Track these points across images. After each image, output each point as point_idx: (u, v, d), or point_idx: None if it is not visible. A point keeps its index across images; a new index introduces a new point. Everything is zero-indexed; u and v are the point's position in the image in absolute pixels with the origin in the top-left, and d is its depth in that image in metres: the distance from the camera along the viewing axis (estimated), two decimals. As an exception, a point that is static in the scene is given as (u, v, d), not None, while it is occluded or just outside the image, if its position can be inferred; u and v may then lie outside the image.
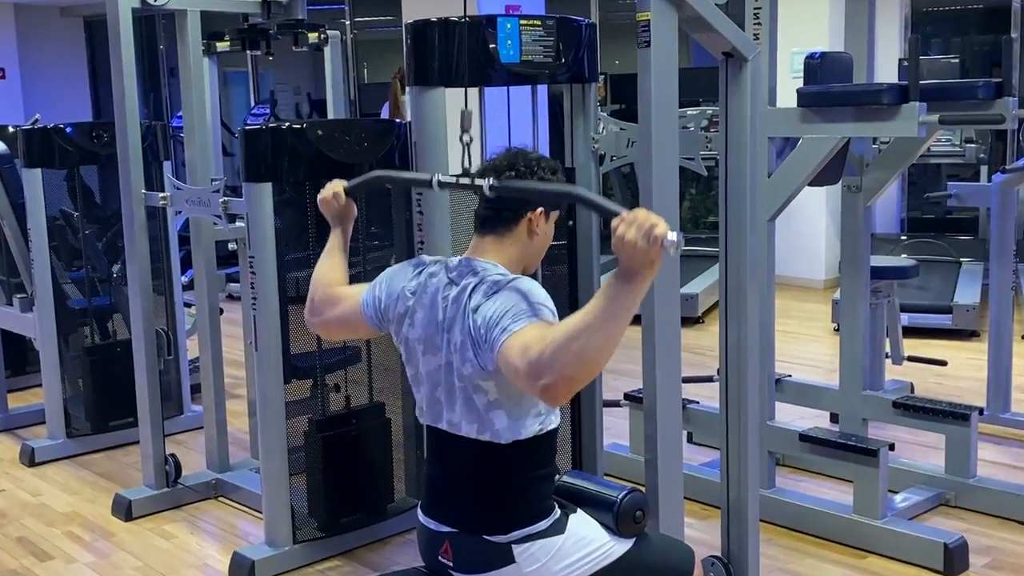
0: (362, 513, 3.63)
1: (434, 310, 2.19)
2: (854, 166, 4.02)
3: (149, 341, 4.06)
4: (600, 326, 1.86)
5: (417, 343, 2.22)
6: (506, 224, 2.21)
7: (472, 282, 2.13)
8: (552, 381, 1.88)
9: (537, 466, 2.20)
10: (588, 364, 1.88)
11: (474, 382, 2.11)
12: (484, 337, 2.04)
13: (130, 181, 3.97)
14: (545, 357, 1.88)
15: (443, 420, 2.21)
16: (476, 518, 2.20)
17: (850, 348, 4.13)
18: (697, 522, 3.62)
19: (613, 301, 1.86)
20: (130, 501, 3.99)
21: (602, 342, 1.86)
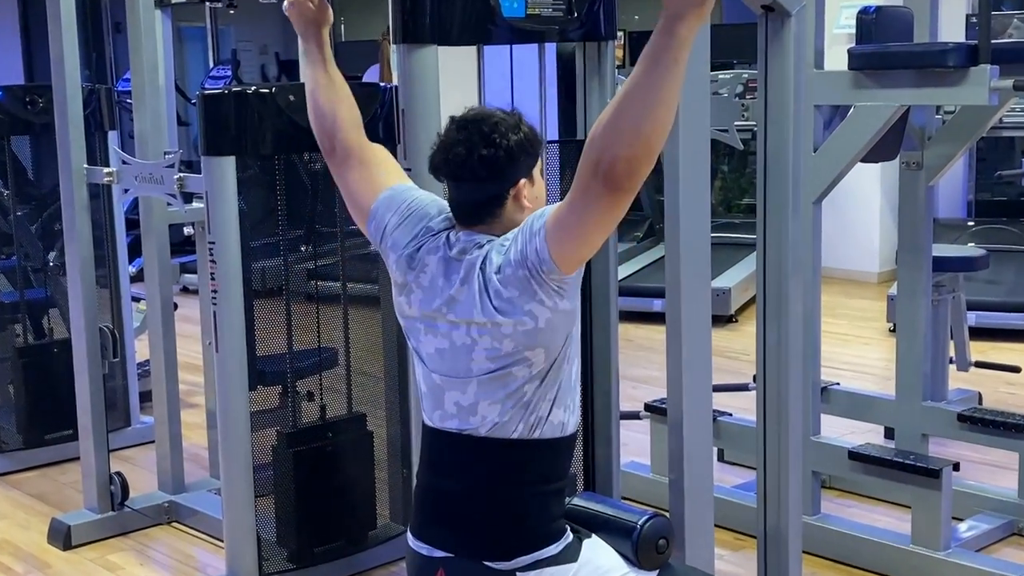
0: (340, 541, 3.63)
1: (434, 294, 2.20)
2: (914, 139, 4.01)
3: (91, 341, 4.07)
4: (647, 90, 1.89)
5: (417, 322, 2.24)
6: (489, 211, 2.21)
7: (479, 255, 2.15)
8: (609, 164, 1.92)
9: (550, 477, 2.21)
10: (641, 138, 1.91)
11: (519, 354, 2.12)
12: (528, 269, 2.06)
13: (69, 154, 3.97)
14: (598, 138, 1.94)
15: (448, 415, 2.21)
16: (476, 540, 2.20)
17: (908, 352, 4.13)
18: (729, 553, 3.63)
19: (658, 57, 1.88)
20: (69, 527, 3.99)
21: (653, 108, 1.90)
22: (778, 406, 2.90)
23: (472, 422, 2.18)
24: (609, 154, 1.93)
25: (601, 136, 1.94)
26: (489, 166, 2.15)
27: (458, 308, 2.16)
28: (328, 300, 3.67)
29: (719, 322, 6.56)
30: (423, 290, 2.22)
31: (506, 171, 2.17)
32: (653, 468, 4.19)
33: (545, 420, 2.17)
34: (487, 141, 2.15)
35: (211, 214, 3.39)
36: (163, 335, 4.14)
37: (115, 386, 4.81)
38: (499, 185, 2.18)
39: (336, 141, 2.47)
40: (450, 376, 2.20)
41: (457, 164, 2.17)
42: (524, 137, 2.20)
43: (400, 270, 2.26)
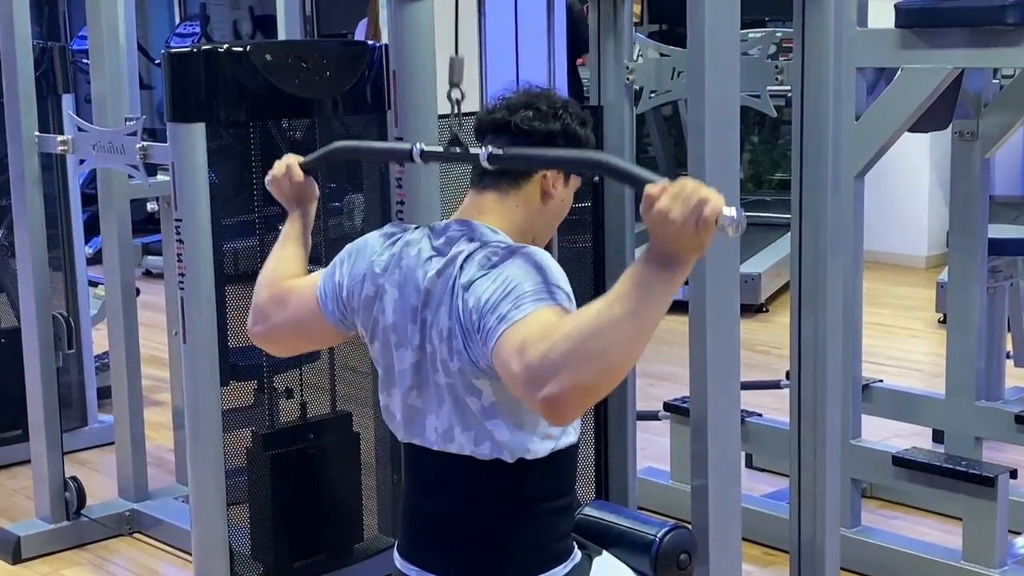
0: (322, 555, 3.64)
1: (409, 288, 2.15)
2: (968, 107, 4.01)
3: (44, 330, 4.07)
4: (626, 321, 1.82)
5: (391, 332, 2.19)
6: (513, 179, 2.19)
7: (465, 250, 2.10)
8: (558, 392, 1.84)
9: (551, 495, 2.20)
10: (607, 371, 1.85)
11: (466, 380, 2.08)
12: (477, 326, 2.01)
13: (19, 121, 3.96)
14: (549, 359, 1.84)
15: (426, 432, 2.20)
16: (470, 564, 2.20)
17: (960, 346, 4.13)
18: (758, 570, 3.64)
19: (643, 290, 1.83)
20: (19, 538, 4.00)
21: (627, 344, 1.84)
22: (814, 406, 2.90)
23: (457, 439, 2.14)
24: (566, 384, 1.83)
25: (556, 359, 1.84)
26: (539, 128, 2.19)
27: (434, 304, 2.11)
28: (309, 285, 3.67)
29: (748, 312, 6.56)
30: (398, 287, 2.17)
31: (553, 144, 2.19)
32: (673, 474, 4.20)
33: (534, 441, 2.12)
34: (551, 106, 2.21)
35: (178, 188, 3.39)
36: (124, 324, 4.15)
37: (70, 381, 4.82)
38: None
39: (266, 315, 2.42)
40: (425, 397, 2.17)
41: (511, 112, 2.20)
42: (585, 136, 2.25)
43: (371, 280, 2.22)
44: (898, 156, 5.31)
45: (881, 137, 3.58)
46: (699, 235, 1.80)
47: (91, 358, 4.96)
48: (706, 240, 1.81)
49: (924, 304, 6.89)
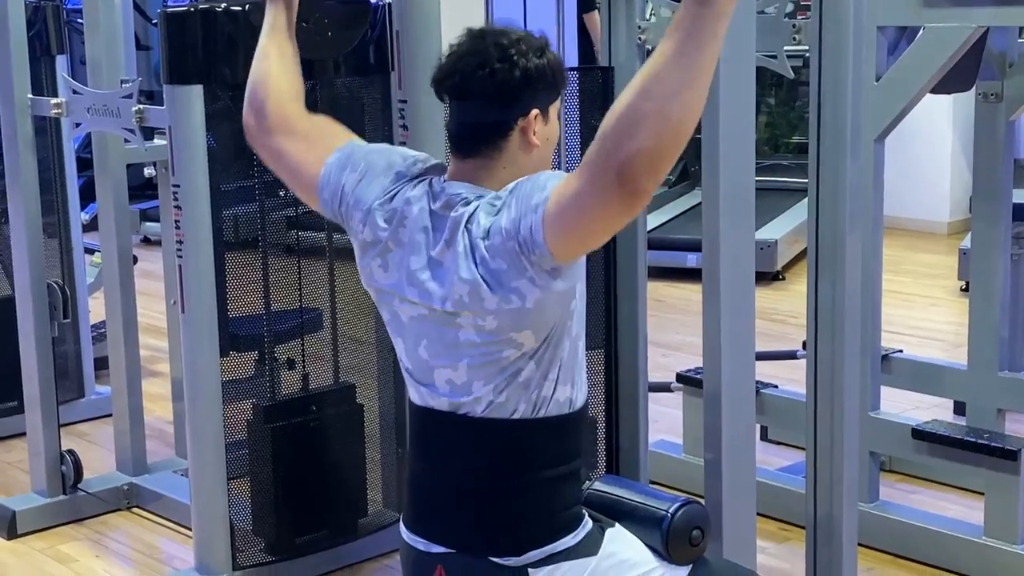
0: (325, 530, 3.66)
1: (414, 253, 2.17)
2: (993, 67, 3.98)
3: (38, 299, 4.07)
4: (677, 69, 1.83)
5: (393, 288, 2.21)
6: (490, 142, 2.17)
7: (465, 212, 2.11)
8: (627, 157, 1.86)
9: (559, 459, 2.21)
10: (668, 127, 1.85)
11: (505, 336, 2.11)
12: (518, 243, 2.03)
13: (11, 83, 3.96)
14: (609, 134, 1.88)
15: (436, 384, 2.21)
16: (480, 533, 2.21)
17: (983, 314, 4.12)
18: (773, 546, 3.64)
19: (690, 31, 1.82)
20: (14, 512, 4.01)
21: (684, 91, 1.84)
22: (831, 377, 2.90)
23: (466, 401, 2.17)
24: (629, 145, 1.86)
25: (619, 122, 1.87)
26: (500, 84, 2.13)
27: (439, 274, 2.13)
28: (311, 253, 3.67)
29: (764, 280, 6.55)
30: (403, 248, 2.17)
31: (519, 96, 2.14)
32: (686, 448, 4.20)
33: (549, 399, 2.16)
34: (504, 56, 2.13)
35: (175, 152, 3.38)
36: (121, 292, 4.15)
37: (66, 351, 4.82)
38: (507, 110, 2.15)
39: (267, 110, 2.41)
40: (438, 347, 2.19)
41: (464, 76, 2.14)
42: (548, 64, 2.18)
43: (371, 227, 2.22)
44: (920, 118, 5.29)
45: (902, 99, 3.56)
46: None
47: (88, 328, 4.97)
48: None
49: (946, 272, 6.88)
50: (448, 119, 2.23)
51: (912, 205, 7.77)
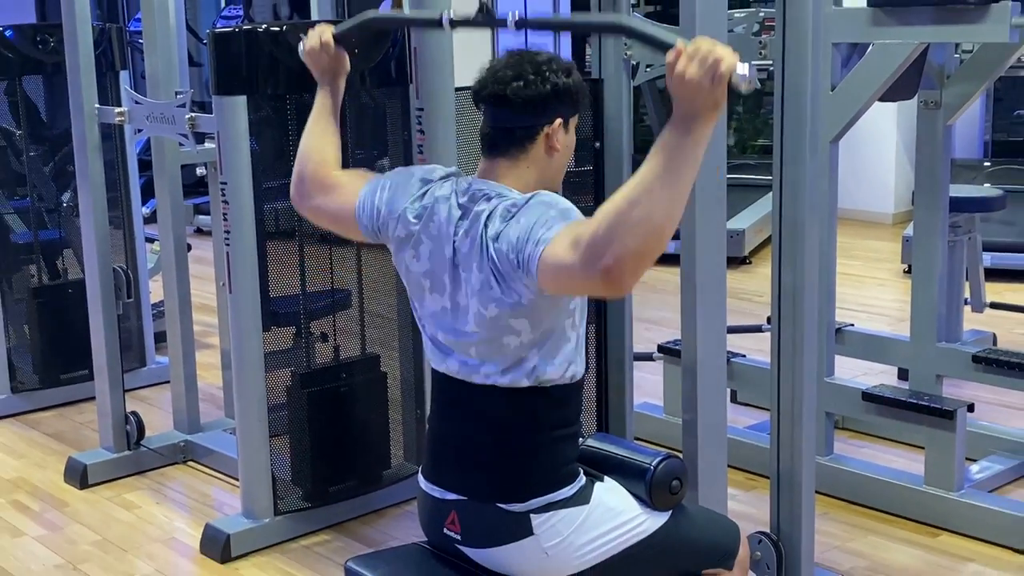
0: (354, 481, 3.66)
1: (442, 243, 2.18)
2: (932, 78, 3.96)
3: (106, 281, 4.07)
4: (662, 185, 1.83)
5: (423, 278, 2.22)
6: (519, 144, 2.19)
7: (486, 209, 2.12)
8: (613, 261, 1.85)
9: (561, 423, 2.21)
10: (653, 233, 1.85)
11: (503, 323, 2.11)
12: (516, 262, 2.03)
13: (81, 94, 3.95)
14: (600, 235, 1.87)
15: (449, 365, 2.21)
16: (489, 483, 2.21)
17: (923, 293, 4.10)
18: (742, 493, 3.64)
19: (673, 154, 1.83)
20: (85, 466, 4.02)
21: (667, 204, 1.84)
22: (792, 347, 2.89)
23: (477, 376, 2.19)
24: (616, 249, 1.84)
25: (609, 228, 1.85)
26: (531, 95, 2.15)
27: (462, 259, 2.14)
28: (341, 242, 3.65)
29: (733, 264, 6.54)
30: (432, 239, 2.19)
31: (546, 106, 2.16)
32: (666, 409, 4.20)
33: (549, 373, 2.16)
34: (537, 71, 2.16)
35: (223, 154, 3.38)
36: (177, 276, 4.14)
37: (130, 327, 4.82)
38: (535, 118, 2.17)
39: (315, 182, 2.40)
40: (451, 336, 2.19)
41: (502, 85, 2.16)
42: (572, 83, 2.20)
43: (403, 224, 2.23)
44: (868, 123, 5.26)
45: (854, 106, 3.55)
46: (714, 90, 1.79)
47: (148, 306, 4.96)
48: (721, 96, 1.81)
49: (891, 256, 6.86)
50: (483, 124, 2.23)
51: (862, 198, 7.75)
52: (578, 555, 2.21)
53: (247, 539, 3.46)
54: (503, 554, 2.21)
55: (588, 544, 2.21)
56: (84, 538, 3.62)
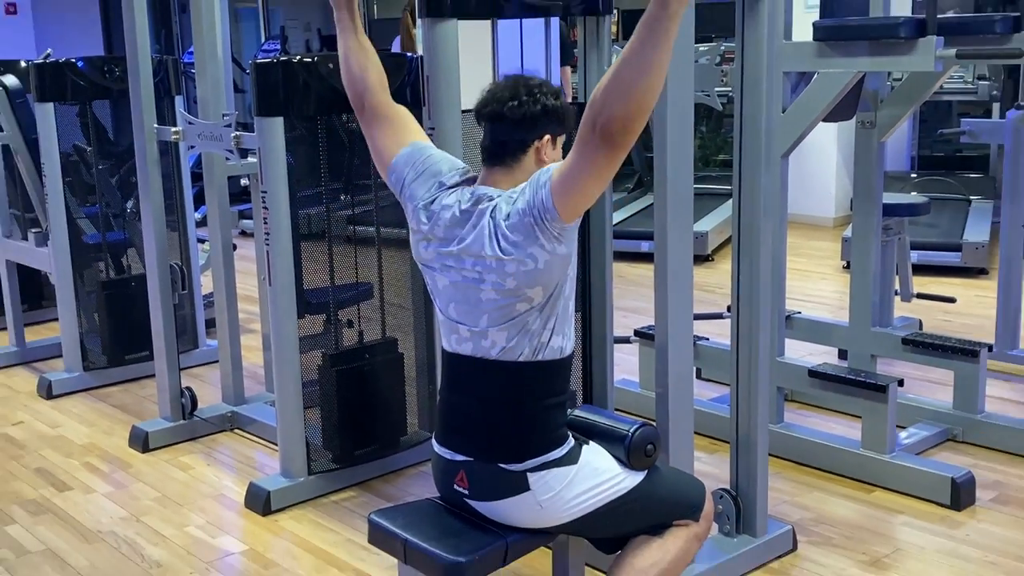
0: (376, 445, 3.65)
1: (448, 239, 2.19)
2: (868, 102, 3.96)
3: (163, 276, 4.06)
4: (645, 49, 1.89)
5: (433, 262, 2.24)
6: (513, 155, 2.21)
7: (490, 205, 2.15)
8: (607, 118, 1.92)
9: (552, 393, 2.21)
10: (638, 96, 1.91)
11: (521, 292, 2.12)
12: (534, 216, 2.06)
13: (142, 116, 3.94)
14: (598, 99, 1.93)
15: (463, 340, 2.21)
16: (492, 446, 2.21)
17: (860, 285, 4.11)
18: (706, 456, 3.63)
19: (654, 26, 1.88)
20: (147, 433, 4.01)
21: (651, 65, 1.89)
22: (749, 332, 2.89)
23: (484, 346, 2.18)
24: (607, 112, 1.92)
25: (600, 97, 1.93)
26: (524, 113, 2.17)
27: (469, 249, 2.15)
28: (364, 242, 3.65)
29: (698, 261, 6.51)
30: (439, 239, 2.21)
31: (536, 123, 2.19)
32: (641, 384, 4.19)
33: (546, 345, 2.17)
34: (529, 93, 2.19)
35: (263, 167, 3.37)
36: (224, 271, 4.13)
37: (184, 314, 4.81)
38: (527, 133, 2.19)
39: (365, 100, 2.45)
40: (463, 306, 2.19)
41: (500, 104, 2.18)
42: (559, 105, 2.23)
43: (416, 219, 2.26)
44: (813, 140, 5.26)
45: (802, 126, 3.54)
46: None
47: (200, 297, 4.95)
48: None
49: (832, 254, 6.86)
50: (484, 138, 2.25)
51: (807, 205, 7.74)
52: (567, 507, 2.21)
53: (285, 495, 3.46)
54: (504, 506, 2.21)
55: (576, 498, 2.21)
56: (145, 494, 3.61)
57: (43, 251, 4.66)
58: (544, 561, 2.79)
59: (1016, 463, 3.62)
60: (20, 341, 5.12)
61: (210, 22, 3.98)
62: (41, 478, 3.77)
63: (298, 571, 3.05)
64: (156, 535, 3.30)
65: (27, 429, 4.26)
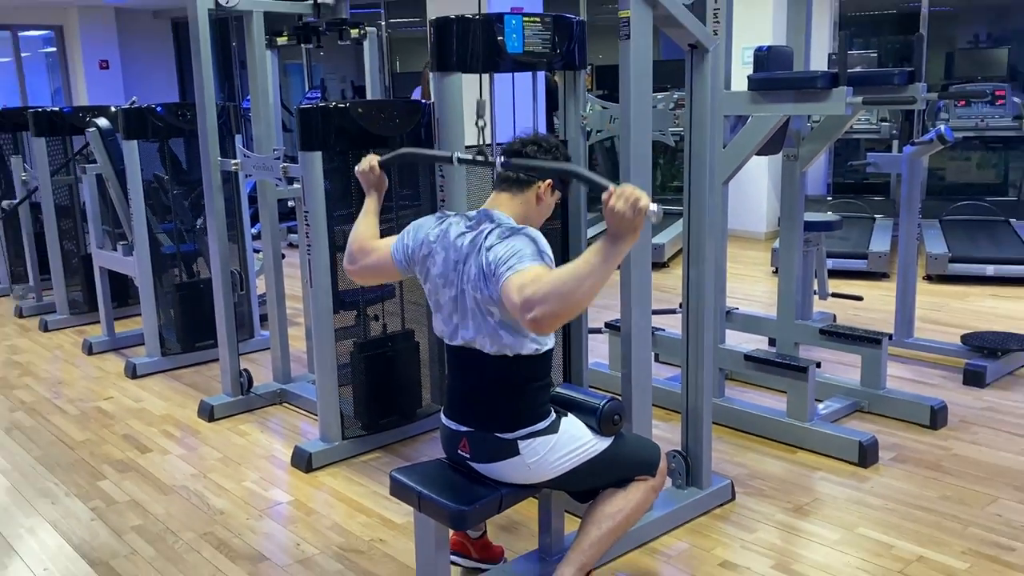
0: (396, 416, 3.64)
1: (451, 251, 2.18)
2: (792, 139, 3.96)
3: (225, 279, 4.04)
4: (587, 276, 1.84)
5: (438, 278, 2.21)
6: (520, 186, 2.22)
7: (489, 227, 2.13)
8: (539, 315, 1.86)
9: (537, 378, 2.20)
10: (572, 305, 1.86)
11: (484, 306, 2.10)
12: (492, 272, 2.03)
13: (208, 151, 3.92)
14: (537, 295, 1.87)
15: (459, 338, 2.20)
16: (488, 419, 2.20)
17: (786, 287, 4.11)
18: (662, 424, 3.63)
19: (601, 257, 1.83)
20: (212, 406, 3.99)
21: (587, 289, 1.85)
22: (696, 324, 2.88)
23: (478, 343, 2.17)
24: (544, 309, 1.85)
25: (540, 296, 1.85)
26: (543, 152, 2.22)
27: (466, 259, 2.14)
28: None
29: (656, 267, 6.53)
30: (445, 248, 2.19)
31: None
32: (610, 366, 4.18)
33: (526, 347, 2.14)
34: (548, 146, 2.24)
35: (306, 192, 3.35)
36: (274, 276, 4.12)
37: (242, 310, 4.80)
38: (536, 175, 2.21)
39: (361, 251, 2.36)
40: (457, 316, 2.18)
41: (523, 145, 2.22)
42: (560, 157, 2.26)
43: (426, 244, 2.23)
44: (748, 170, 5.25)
45: (739, 158, 3.54)
46: (634, 220, 1.81)
47: (255, 296, 4.94)
48: (640, 224, 1.83)
49: (763, 262, 6.86)
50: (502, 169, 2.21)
51: (744, 222, 7.75)
52: (550, 467, 2.20)
53: (323, 456, 3.44)
54: (499, 467, 2.20)
55: (557, 460, 2.20)
56: (211, 455, 3.60)
57: (129, 259, 4.64)
58: (531, 509, 2.78)
59: (911, 429, 3.62)
60: (111, 332, 5.10)
61: (263, 75, 3.97)
62: (127, 442, 3.75)
63: (334, 517, 3.04)
64: (219, 488, 3.28)
65: (116, 403, 4.24)
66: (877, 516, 2.93)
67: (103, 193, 4.97)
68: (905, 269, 4.44)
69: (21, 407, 4.19)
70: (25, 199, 5.74)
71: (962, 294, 5.63)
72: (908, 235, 4.44)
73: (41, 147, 5.37)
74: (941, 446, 3.44)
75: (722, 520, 2.92)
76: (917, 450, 3.43)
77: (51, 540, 2.93)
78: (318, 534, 2.92)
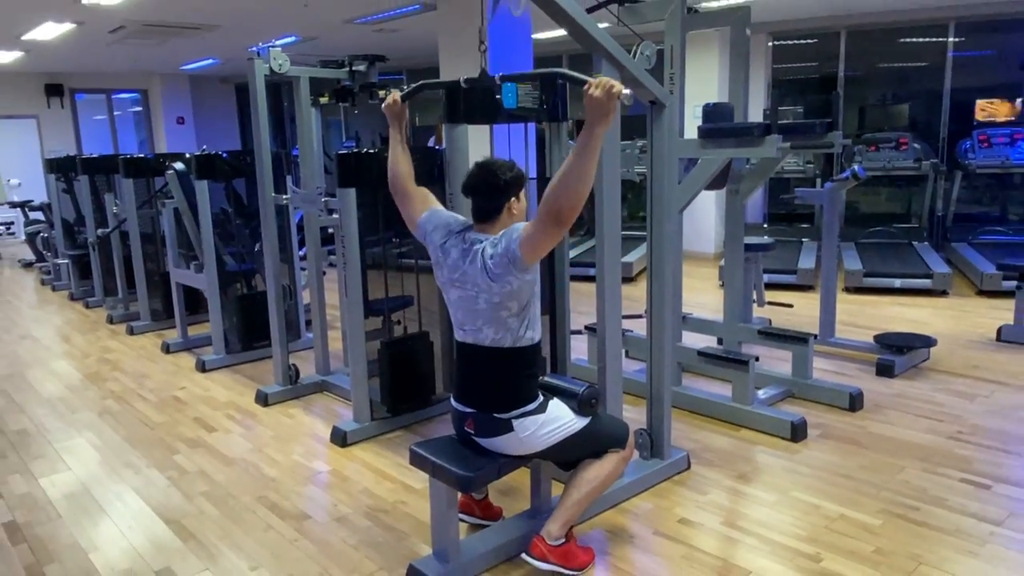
0: (415, 402, 3.62)
1: (453, 269, 2.18)
2: (734, 177, 3.96)
3: (278, 292, 4.03)
4: (578, 163, 1.89)
5: (446, 283, 2.22)
6: (492, 218, 2.18)
7: (480, 247, 2.14)
8: (558, 207, 1.92)
9: (528, 367, 2.20)
10: (579, 192, 1.91)
11: (504, 303, 2.10)
12: (507, 259, 2.04)
13: (265, 189, 3.91)
14: (550, 198, 1.93)
15: (466, 331, 2.20)
16: (489, 402, 2.19)
17: (731, 296, 4.10)
18: (631, 407, 3.61)
19: (581, 145, 1.88)
20: (267, 394, 3.97)
21: (582, 173, 1.89)
22: (658, 326, 2.87)
23: (480, 338, 2.16)
24: (558, 204, 1.91)
25: (551, 194, 1.92)
26: (493, 188, 2.15)
27: (468, 276, 2.13)
28: (406, 269, 3.64)
29: (625, 281, 6.52)
30: (448, 267, 2.20)
31: (504, 192, 2.16)
32: (589, 361, 4.16)
33: (522, 337, 2.15)
34: (494, 176, 2.17)
35: (342, 222, 3.35)
36: (317, 289, 4.10)
37: (291, 317, 4.78)
38: (500, 199, 2.17)
39: (399, 188, 2.39)
40: (467, 312, 2.18)
41: (477, 185, 2.17)
42: (515, 175, 2.20)
43: (434, 254, 2.24)
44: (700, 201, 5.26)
45: (691, 192, 3.52)
46: (608, 104, 1.86)
47: (301, 305, 4.92)
48: (612, 107, 1.87)
49: (712, 276, 6.85)
50: (472, 205, 2.22)
51: (696, 244, 7.74)
52: (539, 441, 2.19)
53: (356, 434, 3.42)
54: (498, 441, 2.20)
55: (545, 435, 2.19)
56: (265, 434, 3.58)
57: (200, 276, 4.63)
58: (524, 476, 2.77)
59: (833, 411, 3.60)
60: (184, 334, 5.07)
61: (309, 128, 3.98)
62: (197, 424, 3.73)
63: (364, 483, 3.02)
64: (271, 460, 3.27)
65: (188, 392, 4.22)
66: (806, 482, 2.92)
67: (179, 223, 4.97)
68: (827, 282, 4.44)
69: (111, 396, 4.17)
70: (116, 228, 5.75)
71: (874, 303, 5.63)
72: (829, 254, 4.44)
73: (129, 186, 5.38)
74: (858, 425, 3.43)
75: (680, 485, 2.91)
76: (839, 428, 3.42)
77: (134, 503, 2.92)
78: (352, 497, 2.90)
